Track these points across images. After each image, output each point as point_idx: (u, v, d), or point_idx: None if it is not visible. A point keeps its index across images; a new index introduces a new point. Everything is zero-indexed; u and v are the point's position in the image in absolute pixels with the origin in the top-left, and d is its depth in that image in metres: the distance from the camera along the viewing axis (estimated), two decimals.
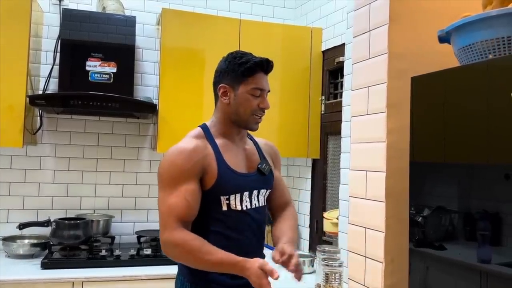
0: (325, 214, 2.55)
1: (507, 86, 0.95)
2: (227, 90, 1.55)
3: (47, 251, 2.49)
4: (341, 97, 2.51)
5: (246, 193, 1.55)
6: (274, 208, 1.75)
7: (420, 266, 1.19)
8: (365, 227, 1.39)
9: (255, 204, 1.58)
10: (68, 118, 2.82)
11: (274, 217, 1.75)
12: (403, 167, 1.25)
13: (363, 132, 1.42)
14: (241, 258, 1.40)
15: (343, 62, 2.40)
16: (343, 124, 2.33)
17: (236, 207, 1.53)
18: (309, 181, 2.94)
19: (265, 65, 1.55)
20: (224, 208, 1.52)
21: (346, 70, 2.30)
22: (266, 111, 1.58)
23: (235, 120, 1.57)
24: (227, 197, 1.51)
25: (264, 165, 1.64)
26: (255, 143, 1.71)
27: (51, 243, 2.48)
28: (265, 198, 1.65)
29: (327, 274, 2.05)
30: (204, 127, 1.59)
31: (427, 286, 1.17)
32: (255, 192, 1.58)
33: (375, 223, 1.34)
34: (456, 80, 1.11)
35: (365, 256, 1.39)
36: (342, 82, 2.56)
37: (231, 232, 1.52)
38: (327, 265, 2.07)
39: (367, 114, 1.39)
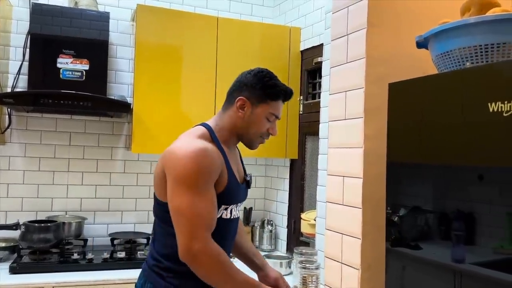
0: (303, 215, 2.53)
1: (482, 95, 0.95)
2: (246, 104, 1.50)
3: (16, 255, 2.41)
4: (319, 97, 2.49)
5: (237, 204, 1.54)
6: None
7: (397, 266, 1.19)
8: (342, 233, 1.38)
9: (237, 213, 1.57)
10: (39, 117, 2.72)
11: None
12: (380, 173, 1.24)
13: (340, 137, 1.40)
14: (258, 281, 1.42)
15: (321, 62, 2.39)
16: (321, 125, 2.32)
17: (227, 215, 1.48)
18: (287, 182, 2.92)
19: (289, 96, 1.55)
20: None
21: (324, 71, 2.28)
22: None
23: (240, 135, 1.54)
24: (227, 206, 1.47)
25: (250, 177, 1.63)
26: (238, 150, 1.69)
27: (20, 246, 2.40)
28: None
29: (304, 277, 2.05)
30: (210, 129, 1.51)
31: (403, 286, 1.16)
32: (240, 203, 1.58)
33: (352, 229, 1.33)
34: (433, 87, 1.11)
35: (342, 263, 1.38)
36: (320, 82, 2.54)
37: (218, 238, 1.41)
38: (304, 268, 2.07)
39: (345, 119, 1.38)
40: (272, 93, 1.50)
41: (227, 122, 1.52)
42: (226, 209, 1.47)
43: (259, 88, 1.49)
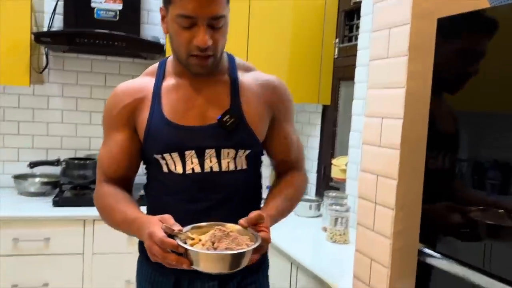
0: (334, 161, 2.54)
1: None
2: (164, 14, 1.16)
3: (57, 189, 2.54)
4: (356, 40, 2.41)
5: (189, 153, 1.16)
6: (276, 168, 1.40)
7: (430, 210, 1.19)
8: (377, 175, 1.38)
9: (211, 167, 1.18)
10: (75, 57, 2.76)
11: (278, 178, 1.40)
12: (421, 113, 1.21)
13: (381, 77, 1.36)
14: (143, 216, 1.11)
15: (360, 2, 2.29)
16: (357, 69, 2.26)
17: (175, 169, 1.17)
18: (318, 127, 2.90)
19: None
20: (165, 169, 1.18)
21: (363, 11, 2.19)
22: (222, 48, 1.15)
23: (178, 59, 1.18)
24: (161, 155, 1.17)
25: (228, 116, 1.17)
26: (234, 82, 1.22)
27: (61, 182, 2.52)
28: (246, 160, 1.22)
29: (335, 218, 2.09)
30: (163, 61, 1.26)
31: (436, 233, 1.17)
32: (209, 151, 1.17)
33: (388, 170, 1.32)
34: (483, 23, 1.04)
35: (376, 203, 1.39)
36: (358, 24, 2.45)
37: (177, 201, 1.18)
38: (335, 210, 2.10)
39: (387, 58, 1.33)
40: None
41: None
42: (163, 159, 1.17)
43: None
